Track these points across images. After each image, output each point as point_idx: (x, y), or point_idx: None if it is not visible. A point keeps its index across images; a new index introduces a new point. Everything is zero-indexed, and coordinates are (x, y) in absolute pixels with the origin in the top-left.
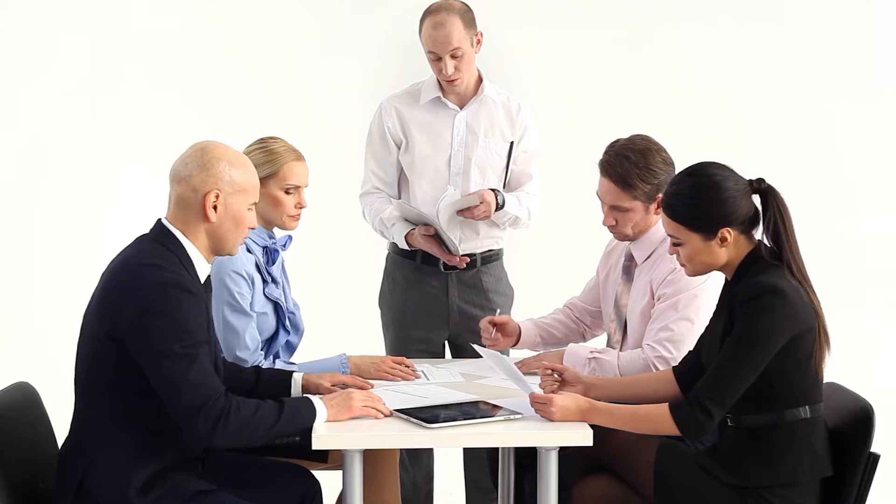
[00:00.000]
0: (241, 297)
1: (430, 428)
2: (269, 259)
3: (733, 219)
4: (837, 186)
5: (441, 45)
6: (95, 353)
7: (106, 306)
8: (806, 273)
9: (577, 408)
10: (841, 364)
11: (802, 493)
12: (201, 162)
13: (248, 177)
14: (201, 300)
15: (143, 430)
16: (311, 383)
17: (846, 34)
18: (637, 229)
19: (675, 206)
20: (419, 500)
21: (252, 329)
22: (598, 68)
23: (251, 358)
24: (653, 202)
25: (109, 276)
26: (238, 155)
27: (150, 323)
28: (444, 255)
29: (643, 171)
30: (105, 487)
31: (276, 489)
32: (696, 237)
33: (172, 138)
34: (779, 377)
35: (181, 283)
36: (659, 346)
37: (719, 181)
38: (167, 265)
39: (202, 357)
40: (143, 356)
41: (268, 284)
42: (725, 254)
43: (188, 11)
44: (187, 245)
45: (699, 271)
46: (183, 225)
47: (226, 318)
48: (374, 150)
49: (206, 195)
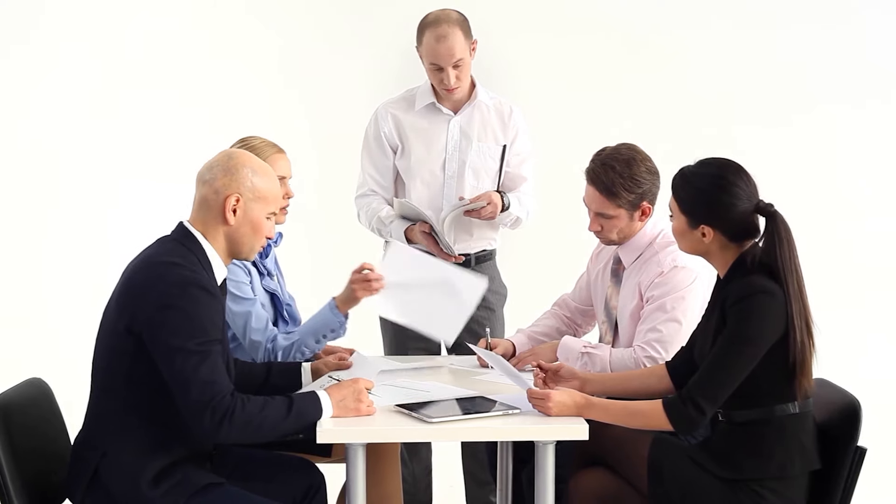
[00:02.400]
0: (239, 284)
1: (430, 422)
2: (262, 253)
3: (720, 224)
4: (831, 188)
5: (445, 57)
6: (114, 346)
7: (126, 301)
8: (807, 304)
9: (573, 403)
10: (830, 361)
11: (792, 486)
12: (226, 167)
13: (270, 186)
14: (218, 300)
15: (156, 423)
16: (314, 367)
17: (839, 39)
18: (622, 235)
19: (682, 184)
20: (419, 493)
21: (257, 309)
22: (594, 72)
23: (264, 336)
24: (637, 210)
25: (131, 273)
26: (263, 165)
27: (169, 318)
28: (440, 254)
29: (627, 181)
30: (118, 477)
31: (282, 482)
32: (683, 218)
33: (175, 140)
34: (768, 374)
35: (201, 283)
36: (648, 346)
37: (730, 186)
38: (187, 264)
39: (214, 355)
40: (158, 350)
41: (264, 277)
42: (705, 247)
43: (191, 15)
44: (207, 247)
45: (686, 249)
46: (203, 227)
47: (230, 309)
48: (370, 155)
49: (227, 198)
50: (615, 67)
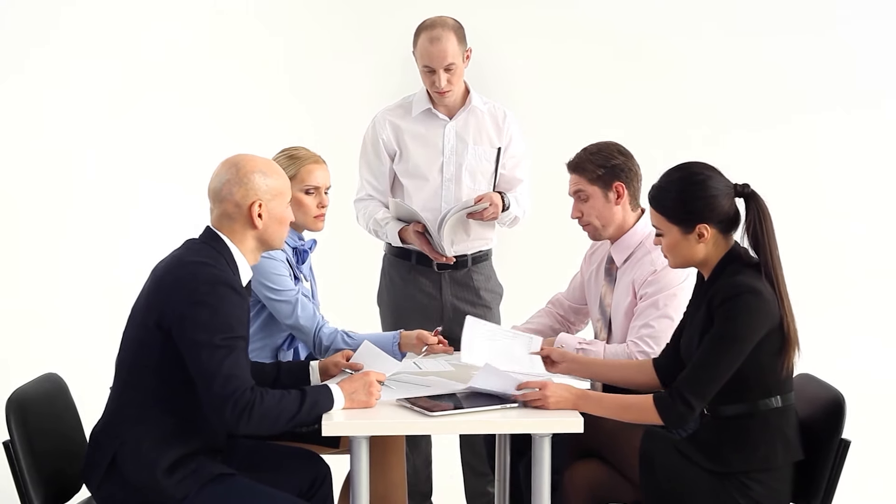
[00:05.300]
0: (279, 277)
1: (431, 416)
2: (298, 259)
3: (712, 216)
4: (814, 190)
5: (437, 59)
6: (142, 339)
7: (157, 298)
8: (782, 276)
9: (570, 396)
10: (814, 356)
11: (777, 478)
12: (237, 178)
13: (281, 179)
14: (245, 300)
15: (174, 415)
16: (323, 365)
17: (822, 48)
18: (603, 221)
19: (659, 198)
20: (419, 483)
21: (302, 299)
22: (589, 78)
23: (311, 324)
24: (610, 189)
25: (162, 272)
26: (266, 162)
27: (197, 314)
28: (432, 253)
29: (595, 156)
30: (134, 465)
31: (288, 473)
32: (675, 230)
33: (186, 143)
34: (753, 370)
35: (229, 281)
36: (641, 341)
37: (704, 179)
38: (216, 264)
39: (238, 351)
40: (185, 344)
41: (298, 282)
42: (703, 249)
43: (200, 22)
44: (234, 249)
45: (679, 263)
46: (230, 232)
47: (271, 299)
48: (368, 161)
49: (251, 207)
50: (609, 73)
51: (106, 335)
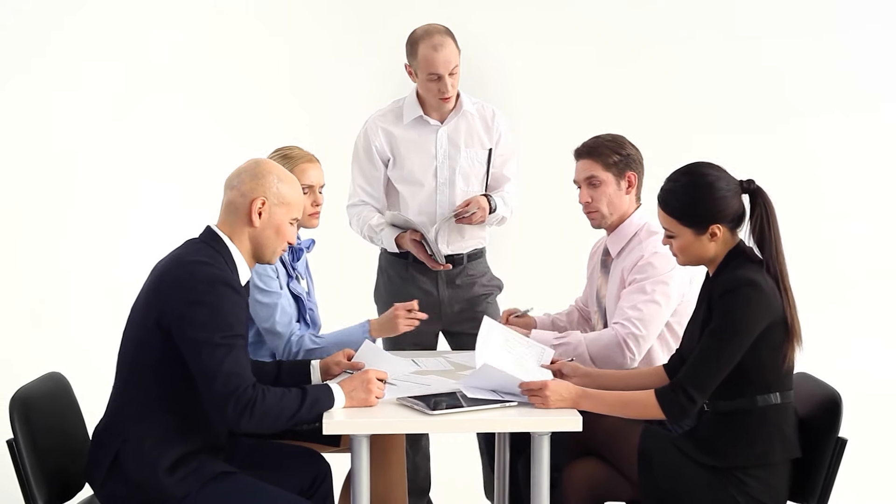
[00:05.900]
0: (267, 279)
1: (431, 414)
2: (293, 256)
3: (724, 216)
4: (814, 191)
5: (443, 65)
6: (142, 338)
7: (156, 297)
8: (785, 270)
9: (570, 394)
10: (814, 356)
11: (774, 474)
12: (254, 172)
13: (294, 193)
14: (243, 298)
15: (176, 414)
16: (324, 365)
17: (821, 51)
18: (612, 209)
19: (669, 201)
20: (418, 479)
21: (283, 304)
22: (586, 79)
23: (287, 330)
24: (623, 178)
25: (161, 271)
26: (289, 174)
27: (197, 313)
28: (429, 261)
29: (612, 143)
30: (136, 463)
31: (289, 471)
32: (688, 231)
33: (187, 143)
34: (752, 365)
35: (228, 280)
36: (629, 323)
37: (712, 181)
38: (215, 263)
39: (238, 349)
40: (186, 343)
41: (292, 279)
42: (714, 248)
43: (200, 23)
44: (233, 249)
45: (690, 262)
46: (230, 230)
47: (256, 300)
48: (360, 166)
49: (254, 201)
50: (608, 76)
51: (108, 334)
